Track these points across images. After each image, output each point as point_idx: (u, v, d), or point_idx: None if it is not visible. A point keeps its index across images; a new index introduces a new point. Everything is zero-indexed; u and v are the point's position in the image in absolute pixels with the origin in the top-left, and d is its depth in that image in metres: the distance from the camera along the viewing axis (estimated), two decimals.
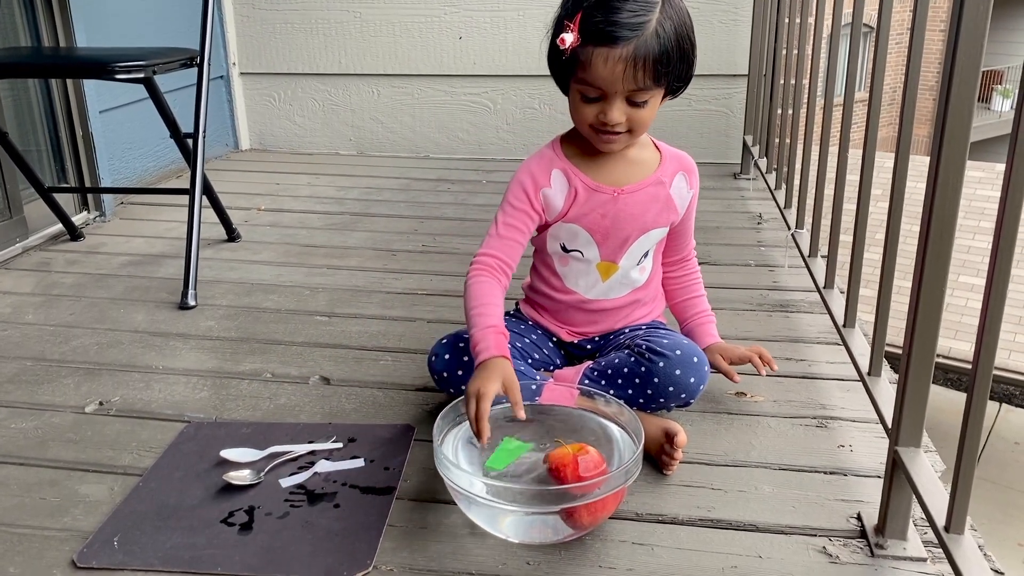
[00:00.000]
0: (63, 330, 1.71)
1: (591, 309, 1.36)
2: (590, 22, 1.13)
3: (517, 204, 1.27)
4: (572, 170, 1.28)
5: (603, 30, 1.12)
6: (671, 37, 1.14)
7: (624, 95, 1.16)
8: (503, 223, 1.27)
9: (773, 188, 2.28)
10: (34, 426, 1.35)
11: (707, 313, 1.44)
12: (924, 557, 1.01)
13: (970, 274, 7.65)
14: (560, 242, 1.33)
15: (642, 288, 1.37)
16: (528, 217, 1.27)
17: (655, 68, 1.14)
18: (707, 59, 2.91)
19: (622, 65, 1.13)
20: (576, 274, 1.34)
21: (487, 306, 1.20)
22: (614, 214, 1.28)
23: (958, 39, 0.87)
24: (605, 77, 1.14)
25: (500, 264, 1.25)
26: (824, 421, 1.33)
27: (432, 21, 3.06)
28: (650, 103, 1.19)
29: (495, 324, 1.18)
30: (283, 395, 1.44)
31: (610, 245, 1.31)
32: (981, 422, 0.86)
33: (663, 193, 1.30)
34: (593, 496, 1.00)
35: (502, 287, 1.24)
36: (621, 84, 1.14)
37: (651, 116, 1.21)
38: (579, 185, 1.27)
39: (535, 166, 1.28)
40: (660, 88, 1.18)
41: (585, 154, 1.28)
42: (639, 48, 1.12)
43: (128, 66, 1.73)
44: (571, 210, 1.28)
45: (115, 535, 1.07)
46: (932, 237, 0.93)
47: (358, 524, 1.09)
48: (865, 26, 1.51)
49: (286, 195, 2.70)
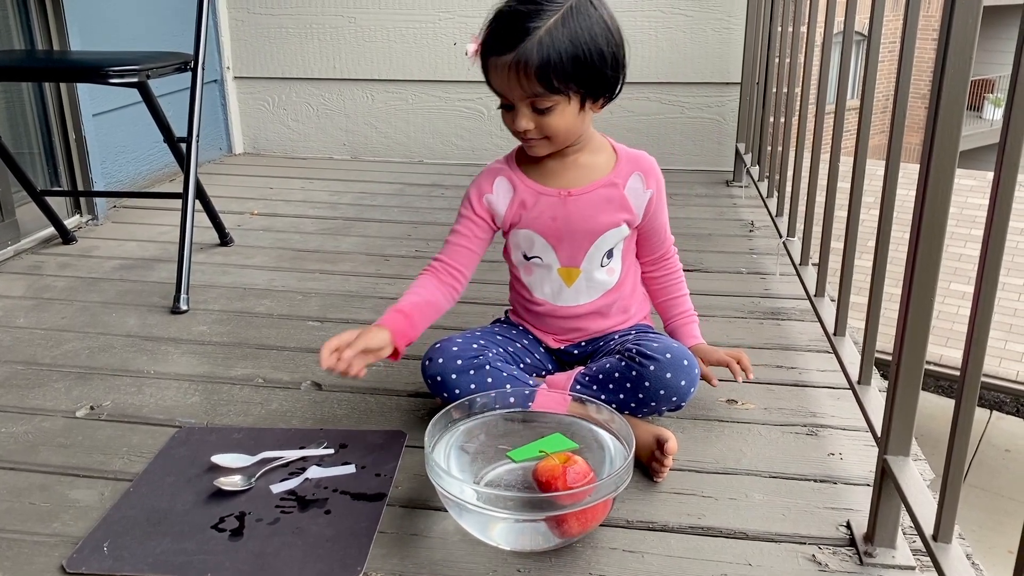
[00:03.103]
0: (54, 334, 1.71)
1: (564, 316, 1.38)
2: (486, 33, 1.19)
3: (464, 212, 1.35)
4: (519, 176, 1.33)
5: (489, 39, 1.19)
6: (562, 45, 1.15)
7: (526, 102, 1.19)
8: (454, 231, 1.35)
9: (765, 196, 2.29)
10: (24, 430, 1.35)
11: (689, 314, 1.44)
12: (912, 565, 1.02)
13: (961, 282, 7.68)
14: (521, 251, 1.36)
15: (614, 290, 1.37)
16: (473, 223, 1.34)
17: (539, 75, 1.15)
18: (700, 67, 2.93)
19: (506, 72, 1.17)
20: (541, 282, 1.36)
21: (407, 294, 1.30)
22: (564, 216, 1.31)
23: (947, 48, 0.88)
24: (499, 85, 1.20)
25: (446, 267, 1.33)
26: (814, 429, 1.34)
27: (426, 27, 3.06)
28: (558, 110, 1.20)
29: (401, 304, 1.27)
30: (275, 400, 1.44)
31: (566, 249, 1.33)
32: (968, 432, 0.87)
33: (616, 194, 1.31)
34: (584, 503, 1.00)
35: (443, 284, 1.32)
36: (513, 91, 1.18)
37: (564, 123, 1.22)
38: (524, 190, 1.32)
39: (481, 177, 1.36)
40: (562, 96, 1.19)
41: (538, 161, 1.31)
42: (520, 56, 1.15)
43: (122, 70, 1.72)
44: (521, 216, 1.32)
45: (105, 541, 1.07)
46: (922, 245, 0.94)
47: (349, 530, 1.08)
48: (857, 34, 1.52)
49: (279, 200, 2.70)
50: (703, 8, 2.88)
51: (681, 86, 2.97)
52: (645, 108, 3.00)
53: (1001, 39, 10.10)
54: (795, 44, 2.01)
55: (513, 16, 1.17)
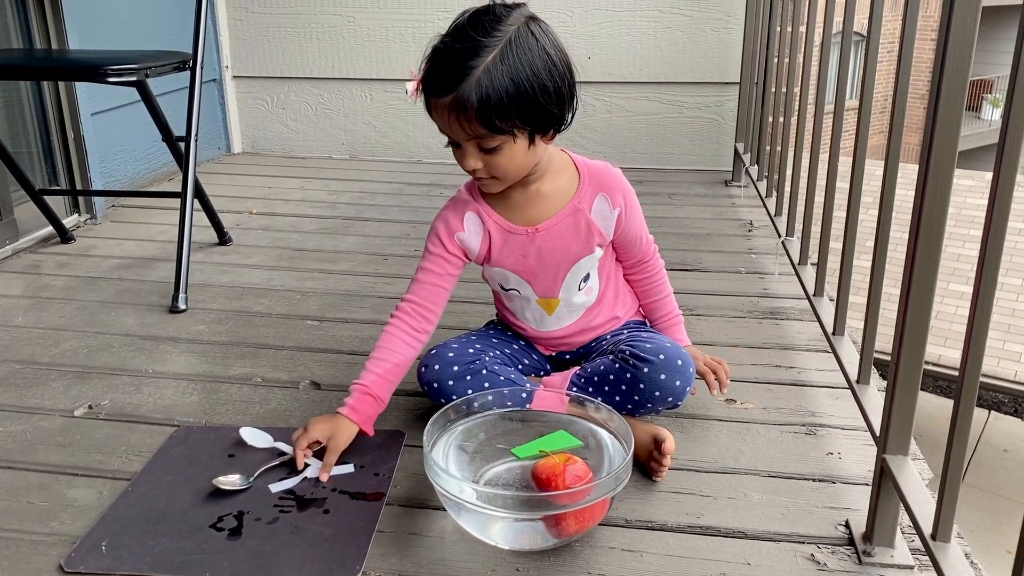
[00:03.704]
0: (53, 333, 1.71)
1: (550, 338, 1.38)
2: (424, 73, 1.13)
3: (434, 250, 1.29)
4: (486, 211, 1.28)
5: (427, 81, 1.12)
6: (501, 84, 1.08)
7: (470, 142, 1.13)
8: (422, 268, 1.30)
9: (764, 196, 2.29)
10: (22, 430, 1.34)
11: (674, 315, 1.43)
12: (911, 565, 1.02)
13: (960, 282, 7.69)
14: (497, 282, 1.35)
15: (594, 307, 1.36)
16: (445, 261, 1.29)
17: (480, 117, 1.09)
18: (699, 67, 2.93)
19: (445, 114, 1.11)
20: (522, 309, 1.36)
21: (377, 361, 1.25)
22: (535, 253, 1.28)
23: (946, 49, 0.88)
24: (441, 125, 1.14)
25: (417, 310, 1.28)
26: (813, 428, 1.34)
27: (426, 26, 3.06)
28: (505, 149, 1.13)
29: (369, 384, 1.23)
30: (273, 399, 1.44)
31: (542, 282, 1.31)
32: (967, 431, 0.87)
33: (583, 220, 1.27)
34: (583, 502, 1.00)
35: (412, 336, 1.27)
36: (457, 133, 1.12)
37: (512, 162, 1.16)
38: (493, 227, 1.27)
39: (449, 211, 1.30)
40: (506, 135, 1.12)
41: (501, 193, 1.26)
42: (459, 97, 1.08)
43: (121, 69, 1.72)
44: (491, 254, 1.29)
45: (103, 540, 1.07)
46: (921, 245, 0.94)
47: (347, 530, 1.08)
48: (856, 34, 1.52)
49: (278, 199, 2.70)
50: (702, 8, 2.88)
51: (680, 86, 2.97)
52: (644, 108, 3.01)
53: (999, 39, 10.11)
54: (794, 44, 2.01)
55: (449, 54, 1.10)
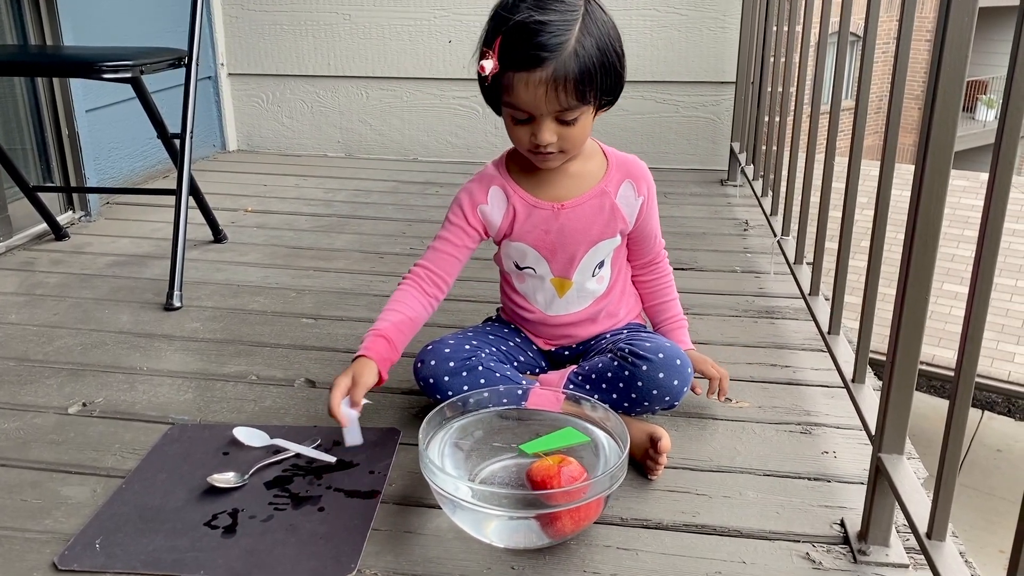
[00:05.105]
0: (47, 330, 1.70)
1: (555, 324, 1.38)
2: (508, 48, 1.12)
3: (454, 220, 1.30)
4: (512, 187, 1.29)
5: (520, 55, 1.12)
6: (592, 54, 1.13)
7: (552, 115, 1.16)
8: (440, 237, 1.31)
9: (759, 195, 2.29)
10: (16, 427, 1.34)
11: (679, 318, 1.44)
12: (906, 564, 1.02)
13: (954, 282, 7.71)
14: (512, 260, 1.35)
15: (603, 297, 1.37)
16: (464, 233, 1.30)
17: (577, 87, 1.12)
18: (695, 66, 2.94)
19: (543, 88, 1.12)
20: (533, 291, 1.36)
21: (389, 311, 1.25)
22: (558, 229, 1.29)
23: (943, 49, 0.88)
24: (528, 101, 1.14)
25: (430, 275, 1.29)
26: (808, 427, 1.34)
27: (421, 24, 3.06)
28: (580, 121, 1.18)
29: (383, 328, 1.22)
30: (268, 398, 1.44)
31: (559, 260, 1.31)
32: (963, 430, 0.87)
33: (608, 203, 1.29)
34: (579, 501, 1.00)
35: (425, 296, 1.28)
36: (546, 106, 1.14)
37: (583, 133, 1.20)
38: (518, 202, 1.29)
39: (474, 184, 1.31)
40: (588, 105, 1.17)
41: (527, 169, 1.28)
42: (558, 70, 1.11)
43: (115, 66, 1.72)
44: (513, 228, 1.30)
45: (97, 537, 1.06)
46: (916, 245, 0.94)
47: (342, 527, 1.08)
48: (852, 35, 1.52)
49: (273, 197, 2.69)
50: (698, 7, 2.88)
51: (676, 85, 2.98)
52: (640, 107, 3.00)
53: (994, 40, 10.14)
54: (790, 44, 2.01)
55: (539, 29, 1.10)
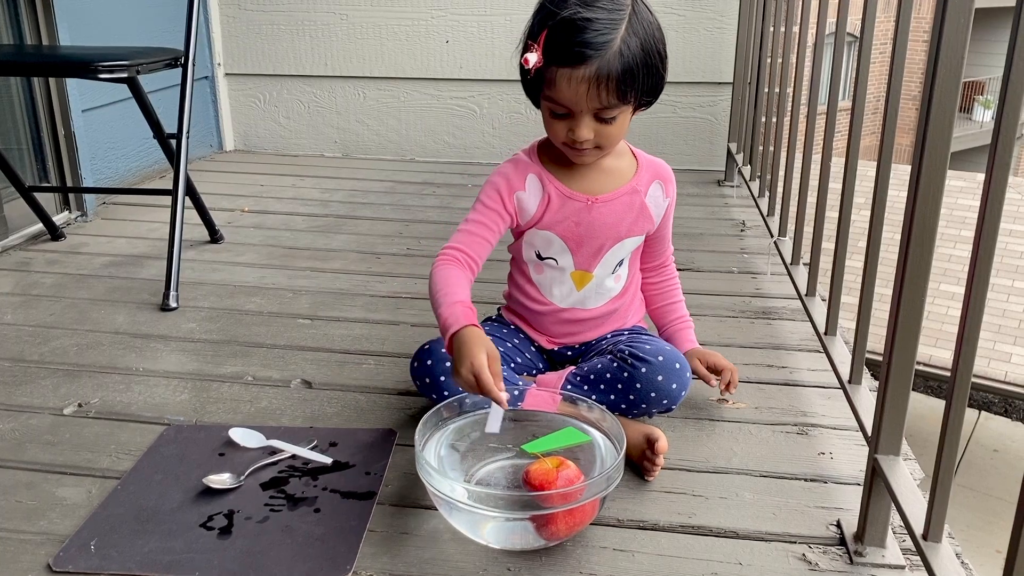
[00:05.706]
0: (42, 331, 1.70)
1: (567, 319, 1.37)
2: (553, 42, 1.13)
3: (490, 204, 1.28)
4: (547, 176, 1.29)
5: (565, 51, 1.12)
6: (636, 54, 1.13)
7: (591, 113, 1.16)
8: (473, 220, 1.28)
9: (756, 195, 2.29)
10: (11, 428, 1.34)
11: (685, 319, 1.44)
12: (903, 565, 1.02)
13: (951, 283, 7.72)
14: (535, 249, 1.34)
15: (618, 297, 1.37)
16: (499, 217, 1.28)
17: (619, 87, 1.13)
18: (692, 66, 2.93)
19: (585, 85, 1.12)
20: (551, 283, 1.35)
21: (452, 286, 1.19)
22: (588, 222, 1.29)
23: (939, 50, 0.88)
24: (569, 97, 1.14)
25: (465, 257, 1.25)
26: (805, 428, 1.34)
27: (419, 24, 3.06)
28: (619, 119, 1.18)
29: (462, 299, 1.16)
30: (264, 398, 1.43)
31: (584, 253, 1.31)
32: (959, 431, 0.87)
33: (638, 201, 1.31)
34: (575, 502, 1.00)
35: (467, 276, 1.23)
36: (586, 103, 1.14)
37: (620, 131, 1.21)
38: (553, 191, 1.28)
39: (511, 170, 1.29)
40: (628, 104, 1.17)
41: (560, 162, 1.28)
42: (602, 68, 1.11)
43: (112, 65, 1.71)
44: (545, 216, 1.29)
45: (92, 539, 1.06)
46: (913, 245, 0.94)
47: (338, 529, 1.08)
48: (849, 35, 1.52)
49: (270, 197, 2.69)
50: (696, 8, 2.88)
51: (673, 85, 2.97)
52: None
53: (991, 41, 10.15)
54: (787, 44, 2.01)
55: (586, 26, 1.11)
